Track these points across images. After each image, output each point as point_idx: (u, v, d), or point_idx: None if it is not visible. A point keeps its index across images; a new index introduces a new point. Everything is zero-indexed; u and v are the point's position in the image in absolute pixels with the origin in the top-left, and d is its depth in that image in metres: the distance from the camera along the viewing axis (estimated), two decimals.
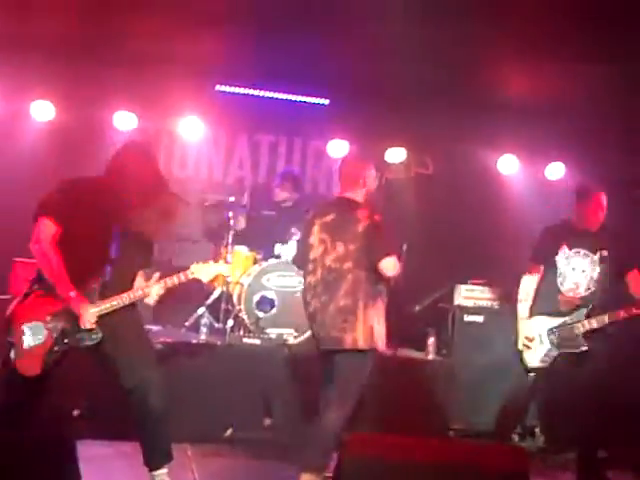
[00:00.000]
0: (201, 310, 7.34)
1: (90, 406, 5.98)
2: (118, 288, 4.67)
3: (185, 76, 7.45)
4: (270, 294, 7.20)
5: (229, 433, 6.31)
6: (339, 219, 5.18)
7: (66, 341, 4.58)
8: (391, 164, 8.44)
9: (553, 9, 6.26)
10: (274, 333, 7.04)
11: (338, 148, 8.52)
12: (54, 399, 4.81)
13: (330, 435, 4.98)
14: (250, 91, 8.29)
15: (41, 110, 7.76)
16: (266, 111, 8.39)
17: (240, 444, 6.20)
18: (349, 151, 8.34)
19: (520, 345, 5.96)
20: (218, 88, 8.19)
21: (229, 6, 6.61)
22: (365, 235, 5.06)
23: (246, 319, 7.12)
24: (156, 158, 5.02)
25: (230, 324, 7.16)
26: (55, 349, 4.56)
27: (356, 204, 5.21)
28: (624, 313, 5.59)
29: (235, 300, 7.26)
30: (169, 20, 6.77)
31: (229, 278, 7.21)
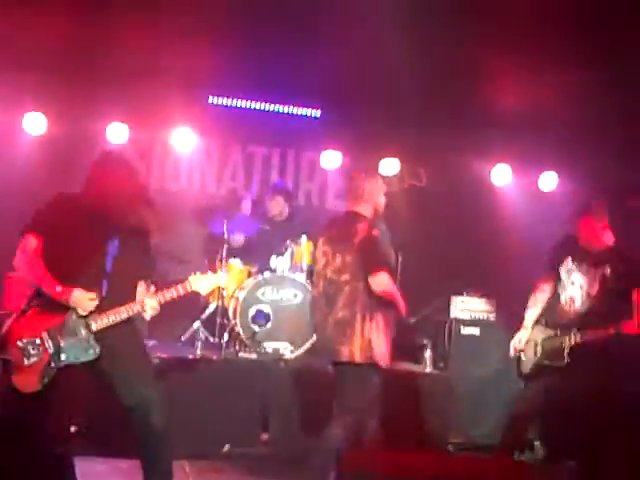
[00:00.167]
0: (196, 324, 7.30)
1: (87, 423, 5.92)
2: (115, 302, 4.62)
3: (178, 88, 7.40)
4: (265, 308, 7.13)
5: (227, 449, 6.26)
6: (340, 232, 5.19)
7: (63, 357, 4.53)
8: (385, 177, 8.40)
9: (544, 21, 6.32)
10: (270, 347, 6.98)
11: (331, 159, 8.52)
12: (51, 415, 4.75)
13: (329, 450, 4.93)
14: (243, 103, 8.27)
15: (34, 123, 7.70)
16: (259, 123, 8.35)
17: (238, 460, 6.15)
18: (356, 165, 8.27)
19: (512, 351, 5.96)
20: (211, 100, 8.17)
21: (221, 18, 6.62)
22: (360, 248, 5.05)
23: (242, 333, 7.05)
24: (131, 168, 4.92)
25: (226, 338, 7.10)
26: (52, 365, 4.51)
27: (360, 217, 5.19)
28: (604, 332, 5.55)
29: (230, 314, 7.19)
30: (161, 32, 6.77)
31: (224, 292, 7.17)
